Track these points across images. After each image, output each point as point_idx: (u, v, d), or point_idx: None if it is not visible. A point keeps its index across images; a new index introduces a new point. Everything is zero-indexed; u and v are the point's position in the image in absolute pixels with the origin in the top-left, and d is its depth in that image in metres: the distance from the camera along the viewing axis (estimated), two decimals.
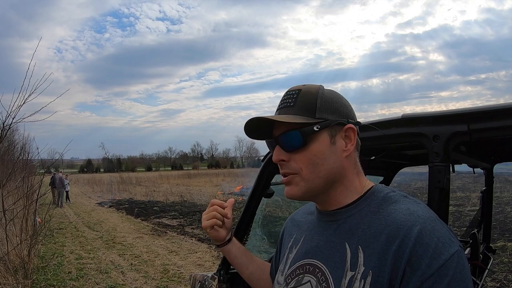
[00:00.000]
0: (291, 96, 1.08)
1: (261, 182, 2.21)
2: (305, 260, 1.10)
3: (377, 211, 1.00)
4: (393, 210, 0.98)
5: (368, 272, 0.92)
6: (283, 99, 1.09)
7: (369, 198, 1.05)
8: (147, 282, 7.21)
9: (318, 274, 1.03)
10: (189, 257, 9.18)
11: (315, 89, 1.08)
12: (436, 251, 0.87)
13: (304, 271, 1.08)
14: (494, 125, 1.20)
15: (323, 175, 1.04)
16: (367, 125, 1.36)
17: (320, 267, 1.04)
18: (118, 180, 43.06)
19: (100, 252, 9.67)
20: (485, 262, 3.11)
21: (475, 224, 3.25)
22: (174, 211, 18.00)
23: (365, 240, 0.97)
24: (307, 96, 1.06)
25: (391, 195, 1.04)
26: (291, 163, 1.06)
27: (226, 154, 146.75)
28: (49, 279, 7.19)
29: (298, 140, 1.03)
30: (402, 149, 2.21)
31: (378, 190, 1.08)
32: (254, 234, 3.02)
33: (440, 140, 1.28)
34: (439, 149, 1.27)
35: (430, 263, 0.86)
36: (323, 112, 1.05)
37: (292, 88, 1.10)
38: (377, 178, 2.84)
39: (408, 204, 0.99)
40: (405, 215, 0.94)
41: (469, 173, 2.64)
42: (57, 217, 16.08)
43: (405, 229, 0.91)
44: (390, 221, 0.95)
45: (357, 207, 1.05)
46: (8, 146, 12.28)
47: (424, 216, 0.93)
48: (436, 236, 0.89)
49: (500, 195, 17.30)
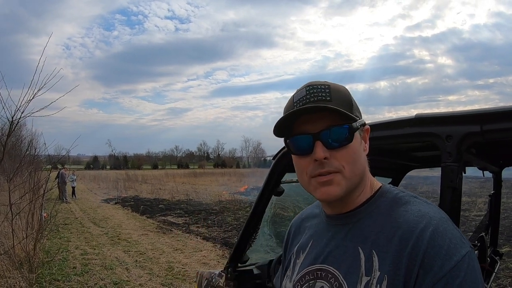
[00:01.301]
0: (323, 90, 1.01)
1: (272, 179, 2.20)
2: (316, 265, 1.08)
3: (388, 213, 1.00)
4: (404, 212, 0.97)
5: (384, 277, 0.91)
6: (311, 93, 1.01)
7: (379, 199, 1.05)
8: (152, 279, 7.22)
9: (331, 280, 1.02)
10: (194, 255, 9.19)
11: (343, 87, 1.06)
12: (448, 252, 0.87)
13: (315, 277, 1.07)
14: (507, 126, 1.20)
15: (359, 173, 1.03)
16: (377, 124, 1.36)
17: (333, 273, 1.02)
18: (124, 177, 43.15)
19: (105, 248, 9.70)
20: (492, 266, 3.10)
21: (483, 227, 3.24)
22: (180, 209, 18.03)
23: (379, 244, 0.96)
24: (341, 93, 1.03)
25: (401, 195, 1.04)
26: (332, 161, 0.99)
27: (232, 153, 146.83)
28: (53, 274, 7.22)
29: (346, 136, 0.99)
30: (412, 151, 2.20)
31: (387, 190, 1.07)
32: (263, 233, 3.01)
33: (453, 140, 1.27)
34: (452, 149, 1.27)
35: (442, 264, 0.86)
36: (356, 110, 1.05)
37: (314, 82, 1.04)
38: (386, 179, 2.83)
39: (419, 205, 0.98)
40: (417, 216, 0.94)
41: (476, 178, 2.63)
42: (63, 212, 16.13)
43: (418, 231, 0.91)
44: (402, 223, 0.95)
45: (367, 209, 1.04)
46: (16, 141, 12.37)
47: (436, 217, 0.93)
48: (448, 237, 0.89)
49: (506, 200, 17.15)
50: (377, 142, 1.46)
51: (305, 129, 1.01)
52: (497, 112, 1.23)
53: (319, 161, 0.99)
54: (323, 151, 0.98)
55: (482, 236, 2.86)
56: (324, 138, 0.99)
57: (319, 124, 0.99)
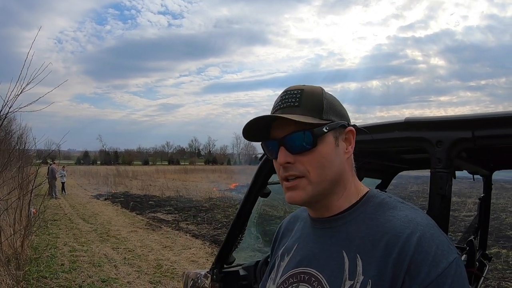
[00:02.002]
0: (294, 96, 1.03)
1: (258, 181, 2.19)
2: (299, 268, 1.07)
3: (375, 217, 0.99)
4: (391, 217, 0.96)
5: (368, 281, 0.90)
6: (283, 98, 1.04)
7: (365, 203, 1.04)
8: (140, 276, 7.18)
9: (314, 283, 1.00)
10: (183, 253, 9.15)
11: (318, 90, 1.06)
12: (435, 259, 0.86)
13: (298, 280, 1.05)
14: (499, 132, 1.19)
15: (330, 178, 1.02)
16: (364, 129, 1.33)
17: (316, 276, 1.01)
18: (114, 173, 43.06)
19: (94, 245, 9.64)
20: (481, 270, 3.09)
21: (472, 230, 3.24)
22: (170, 206, 17.99)
23: (364, 248, 0.95)
24: (313, 97, 1.03)
25: (388, 200, 1.03)
26: (297, 165, 1.01)
27: (223, 150, 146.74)
28: (41, 271, 7.16)
29: (308, 141, 0.99)
30: (401, 153, 2.19)
31: (374, 195, 1.06)
32: (249, 233, 3.00)
33: (443, 146, 1.25)
34: (441, 155, 1.25)
35: (429, 271, 0.85)
36: (329, 113, 1.03)
37: (291, 87, 1.06)
38: (375, 181, 2.82)
39: (406, 211, 0.97)
40: (404, 222, 0.93)
41: (466, 178, 2.62)
42: (52, 208, 16.06)
43: (404, 237, 0.89)
44: (388, 228, 0.93)
45: (353, 214, 1.03)
46: (5, 135, 12.25)
47: (422, 223, 0.92)
48: (435, 244, 0.88)
49: (495, 201, 17.34)
50: (366, 145, 1.44)
51: (274, 134, 1.04)
52: (489, 118, 1.21)
53: (283, 166, 1.02)
54: (285, 156, 1.01)
55: (471, 240, 2.86)
56: (286, 143, 1.01)
57: (285, 130, 1.01)
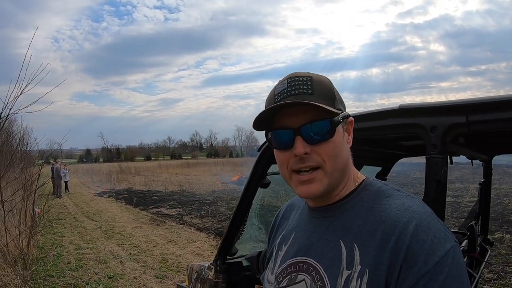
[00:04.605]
0: (305, 83, 0.98)
1: (257, 172, 2.20)
2: (297, 258, 1.07)
3: (371, 206, 0.99)
4: (388, 206, 0.96)
5: (365, 271, 0.90)
6: (293, 85, 0.98)
7: (362, 192, 1.04)
8: (146, 271, 7.22)
9: (312, 273, 1.01)
10: (187, 246, 9.20)
11: (326, 79, 1.03)
12: (432, 247, 0.86)
13: (297, 269, 1.06)
14: (493, 117, 1.19)
15: (341, 168, 1.01)
16: (362, 115, 1.34)
17: (314, 265, 1.01)
18: (117, 170, 43.00)
19: (99, 242, 9.68)
20: (482, 255, 3.10)
21: (473, 216, 3.24)
22: (173, 200, 18.05)
23: (361, 238, 0.95)
24: (324, 85, 1.00)
25: (384, 188, 1.03)
26: (314, 156, 0.97)
27: (225, 143, 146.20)
28: (48, 270, 7.20)
29: (328, 131, 0.97)
30: (400, 140, 2.20)
31: (370, 183, 1.06)
32: (251, 224, 3.02)
33: (437, 132, 1.26)
34: (436, 141, 1.26)
35: (426, 260, 0.85)
36: (339, 103, 1.02)
37: (296, 73, 1.01)
38: (375, 168, 2.83)
39: (402, 199, 0.97)
40: (400, 210, 0.93)
41: (468, 164, 2.62)
42: (56, 207, 16.09)
43: (401, 225, 0.90)
44: (385, 217, 0.94)
45: (350, 202, 1.03)
46: (7, 137, 12.26)
47: (419, 211, 0.92)
48: (432, 232, 0.88)
49: (498, 186, 17.32)
50: (362, 133, 1.45)
51: (286, 123, 0.99)
52: (483, 102, 1.21)
53: (299, 156, 0.97)
54: (303, 146, 0.96)
55: (472, 225, 2.86)
56: (304, 133, 0.97)
57: (300, 119, 0.97)
